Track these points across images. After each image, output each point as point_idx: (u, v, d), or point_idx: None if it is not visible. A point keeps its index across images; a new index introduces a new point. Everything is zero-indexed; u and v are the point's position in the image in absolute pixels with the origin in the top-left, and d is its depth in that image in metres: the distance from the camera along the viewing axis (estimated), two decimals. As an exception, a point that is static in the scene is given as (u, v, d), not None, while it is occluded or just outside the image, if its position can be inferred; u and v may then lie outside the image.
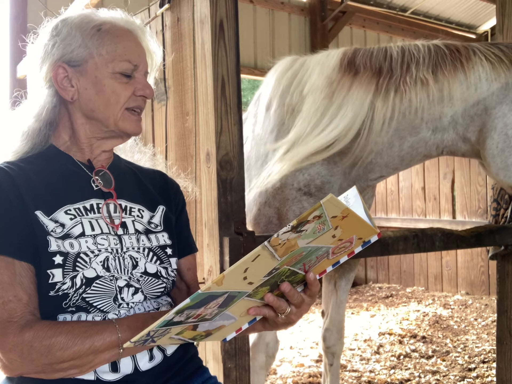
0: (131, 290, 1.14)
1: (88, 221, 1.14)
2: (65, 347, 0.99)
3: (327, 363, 2.82)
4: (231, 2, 1.61)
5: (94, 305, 1.09)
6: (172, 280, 1.23)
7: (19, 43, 5.26)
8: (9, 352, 1.00)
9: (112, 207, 1.19)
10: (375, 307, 5.75)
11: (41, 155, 1.19)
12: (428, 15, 8.66)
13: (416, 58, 1.94)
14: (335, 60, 2.08)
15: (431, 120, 1.93)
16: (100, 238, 1.14)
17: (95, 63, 1.15)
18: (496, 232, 2.24)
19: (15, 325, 1.01)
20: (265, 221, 2.18)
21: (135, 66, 1.17)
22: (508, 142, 1.85)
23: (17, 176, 1.10)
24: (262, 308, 1.00)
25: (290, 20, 7.60)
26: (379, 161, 2.03)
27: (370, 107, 1.94)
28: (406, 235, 1.95)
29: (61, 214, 1.12)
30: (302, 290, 1.03)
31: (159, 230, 1.25)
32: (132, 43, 1.19)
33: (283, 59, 2.30)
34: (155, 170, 1.39)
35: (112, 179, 1.23)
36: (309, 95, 2.07)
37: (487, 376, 3.56)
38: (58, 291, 1.05)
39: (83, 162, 1.21)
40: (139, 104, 1.20)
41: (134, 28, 1.22)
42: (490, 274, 5.75)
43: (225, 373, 1.57)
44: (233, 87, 1.62)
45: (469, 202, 5.81)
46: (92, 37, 1.15)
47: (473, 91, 1.89)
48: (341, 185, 2.10)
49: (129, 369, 1.10)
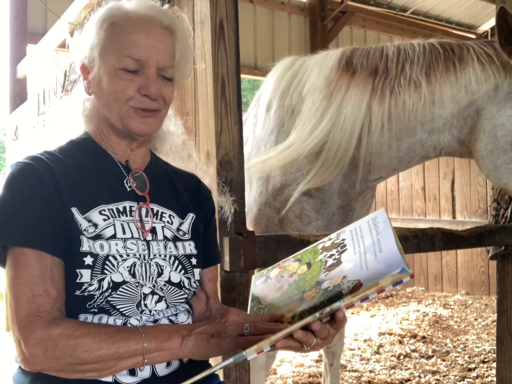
0: (155, 298, 1.14)
1: (120, 223, 1.13)
2: (90, 349, 0.98)
3: (327, 363, 2.82)
4: (231, 2, 1.61)
5: (117, 308, 1.08)
6: (193, 291, 1.23)
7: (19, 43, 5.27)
8: (34, 346, 0.98)
9: (144, 211, 1.18)
10: (375, 307, 5.75)
11: (80, 146, 1.18)
12: (428, 15, 8.66)
13: (411, 57, 1.93)
14: (333, 60, 2.07)
15: (427, 122, 1.93)
16: (129, 243, 1.12)
17: (101, 58, 1.13)
18: (496, 232, 2.24)
19: (43, 320, 0.99)
20: (265, 221, 2.18)
21: (139, 61, 1.11)
22: (497, 143, 1.83)
23: (56, 168, 1.09)
24: (289, 341, 0.97)
25: (290, 20, 7.61)
26: (378, 162, 2.03)
27: (368, 109, 1.94)
28: (406, 235, 1.95)
29: (95, 214, 1.10)
30: (328, 320, 1.00)
31: (186, 238, 1.23)
32: (141, 36, 1.11)
33: (283, 60, 2.30)
34: (191, 174, 1.36)
35: (147, 182, 1.22)
36: (308, 95, 2.07)
37: (487, 376, 3.56)
38: (84, 291, 1.05)
39: (120, 161, 1.20)
40: (146, 106, 1.14)
41: (159, 15, 1.15)
42: (490, 274, 5.75)
43: (225, 373, 1.57)
44: (233, 87, 1.62)
45: (469, 202, 5.81)
46: (104, 31, 1.14)
47: (463, 93, 1.88)
48: (341, 186, 2.09)
49: (147, 373, 1.10)
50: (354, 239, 1.08)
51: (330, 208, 2.11)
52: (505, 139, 1.82)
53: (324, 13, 7.50)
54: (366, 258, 0.97)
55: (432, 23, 8.68)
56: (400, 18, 8.25)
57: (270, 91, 2.25)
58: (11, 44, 5.02)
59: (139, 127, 1.15)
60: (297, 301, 1.02)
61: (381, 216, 1.06)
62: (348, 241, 1.09)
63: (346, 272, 0.98)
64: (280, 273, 1.17)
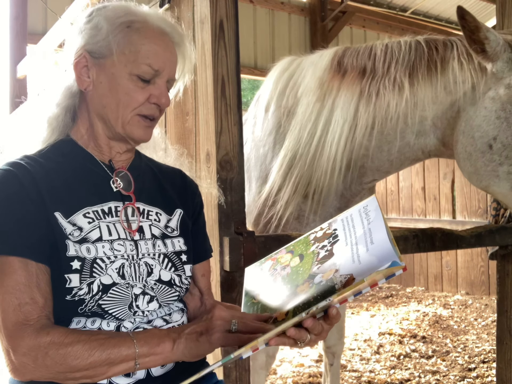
0: (147, 298, 1.13)
1: (106, 225, 1.12)
2: (81, 357, 0.97)
3: (327, 363, 2.83)
4: (231, 2, 1.61)
5: (109, 312, 1.08)
6: (185, 288, 1.22)
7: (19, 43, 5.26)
8: (23, 356, 0.97)
9: (130, 211, 1.17)
10: (375, 307, 5.75)
11: (60, 149, 1.16)
12: (428, 15, 8.65)
13: (397, 57, 1.90)
14: (325, 60, 2.07)
15: (414, 124, 1.89)
16: (116, 244, 1.12)
17: (115, 59, 1.11)
18: (496, 232, 2.24)
19: (31, 328, 0.98)
20: (265, 222, 2.18)
21: (156, 71, 1.12)
22: (475, 145, 1.77)
23: (36, 173, 1.08)
24: (283, 338, 0.98)
25: (290, 20, 7.60)
26: (370, 165, 2.02)
27: (355, 112, 1.92)
28: (406, 235, 1.95)
29: (80, 217, 1.09)
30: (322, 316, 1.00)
31: (175, 235, 1.23)
32: (160, 48, 1.13)
33: (282, 60, 2.30)
34: (176, 170, 1.36)
35: (132, 181, 1.21)
36: (303, 97, 2.06)
37: (487, 376, 3.56)
38: (75, 296, 1.04)
39: (103, 161, 1.19)
40: (152, 112, 1.15)
41: (171, 31, 1.17)
42: (490, 274, 5.75)
43: (225, 373, 1.57)
44: (233, 87, 1.62)
45: (469, 202, 5.81)
46: (119, 33, 1.11)
47: (444, 95, 1.83)
48: (337, 188, 2.09)
49: (142, 374, 1.09)
50: (345, 229, 1.07)
51: (327, 209, 2.11)
52: (482, 140, 1.75)
53: (324, 13, 7.50)
54: (358, 250, 0.97)
55: (432, 23, 8.67)
56: (400, 18, 8.24)
57: (269, 92, 2.25)
58: (11, 44, 5.01)
59: (141, 135, 1.16)
60: (290, 296, 1.02)
61: (372, 204, 1.05)
62: (340, 231, 1.08)
63: (338, 266, 0.97)
64: (273, 265, 1.16)
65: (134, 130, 1.15)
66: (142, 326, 1.12)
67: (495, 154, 1.73)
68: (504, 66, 1.73)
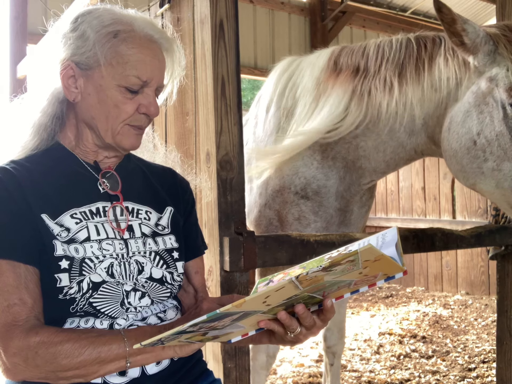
0: (138, 294, 1.13)
1: (94, 225, 1.13)
2: (71, 356, 0.98)
3: (327, 363, 2.83)
4: (231, 2, 1.61)
5: (101, 311, 1.08)
6: (178, 285, 1.22)
7: (19, 43, 5.25)
8: (13, 356, 0.98)
9: (118, 210, 1.17)
10: (375, 307, 5.75)
11: (47, 154, 1.17)
12: (428, 15, 8.66)
13: (387, 55, 1.89)
14: (322, 60, 2.07)
15: (406, 123, 1.88)
16: (105, 243, 1.12)
17: (102, 71, 1.10)
18: (496, 232, 2.24)
19: (20, 328, 0.99)
20: (266, 222, 2.19)
21: (145, 82, 1.12)
22: (460, 142, 1.74)
23: (22, 177, 1.09)
24: (273, 323, 0.98)
25: (290, 20, 7.60)
26: (367, 166, 2.02)
27: (345, 109, 1.92)
28: (406, 235, 1.95)
29: (67, 218, 1.10)
30: (315, 311, 1.01)
31: (166, 233, 1.23)
32: (148, 57, 1.12)
33: (282, 61, 2.31)
34: (165, 168, 1.36)
35: (119, 181, 1.21)
36: (301, 98, 2.07)
37: (487, 376, 3.56)
38: (66, 295, 1.04)
39: (89, 163, 1.19)
40: (142, 123, 1.15)
41: (159, 37, 1.15)
42: (490, 274, 5.75)
43: (225, 373, 1.57)
44: (233, 87, 1.62)
45: (469, 202, 5.81)
46: (106, 43, 1.09)
47: (432, 92, 1.82)
48: (337, 189, 2.10)
49: (136, 373, 1.09)
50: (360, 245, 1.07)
51: (328, 210, 2.12)
52: (467, 136, 1.72)
53: (324, 13, 7.50)
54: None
55: (432, 23, 8.65)
56: (400, 18, 8.24)
57: (269, 93, 2.26)
58: (11, 44, 5.02)
59: (131, 143, 1.16)
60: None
61: (391, 232, 1.06)
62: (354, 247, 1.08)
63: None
64: (282, 277, 1.18)
65: (124, 139, 1.15)
66: (136, 324, 1.12)
67: (479, 150, 1.70)
68: (485, 59, 1.70)
